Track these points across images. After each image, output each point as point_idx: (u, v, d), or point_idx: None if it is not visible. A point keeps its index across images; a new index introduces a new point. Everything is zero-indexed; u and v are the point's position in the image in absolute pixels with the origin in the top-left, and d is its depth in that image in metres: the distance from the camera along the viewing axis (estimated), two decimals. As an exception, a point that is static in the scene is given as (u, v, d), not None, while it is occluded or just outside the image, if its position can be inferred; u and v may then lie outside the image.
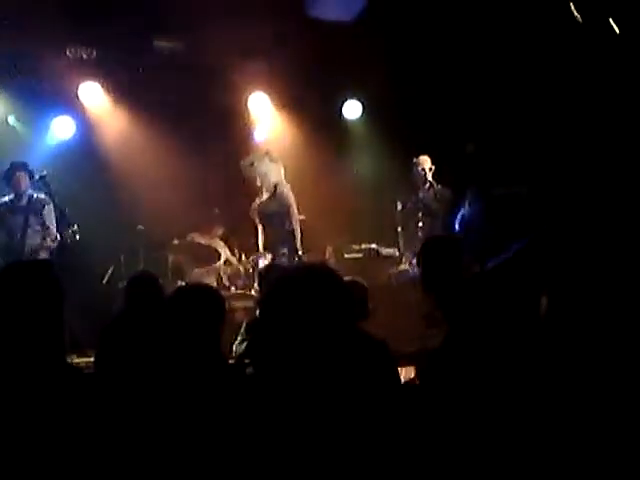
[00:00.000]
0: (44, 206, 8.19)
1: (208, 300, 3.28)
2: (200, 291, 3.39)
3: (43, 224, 8.14)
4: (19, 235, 8.15)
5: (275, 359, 2.43)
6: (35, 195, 8.22)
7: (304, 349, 2.37)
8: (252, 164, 8.41)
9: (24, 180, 8.17)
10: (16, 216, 8.21)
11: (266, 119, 10.14)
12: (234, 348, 6.64)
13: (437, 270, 4.18)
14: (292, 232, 8.20)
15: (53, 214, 8.20)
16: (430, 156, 8.51)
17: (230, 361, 5.27)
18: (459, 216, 8.06)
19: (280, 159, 8.49)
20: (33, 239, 8.15)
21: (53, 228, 8.13)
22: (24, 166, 8.20)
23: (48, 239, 8.01)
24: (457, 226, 8.03)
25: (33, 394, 2.74)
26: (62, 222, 8.01)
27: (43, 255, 8.03)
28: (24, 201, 8.23)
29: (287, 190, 8.33)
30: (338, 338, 2.38)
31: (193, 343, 3.14)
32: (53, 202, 8.10)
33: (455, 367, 3.08)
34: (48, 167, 8.32)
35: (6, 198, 8.29)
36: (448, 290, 3.94)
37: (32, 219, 8.18)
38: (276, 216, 8.31)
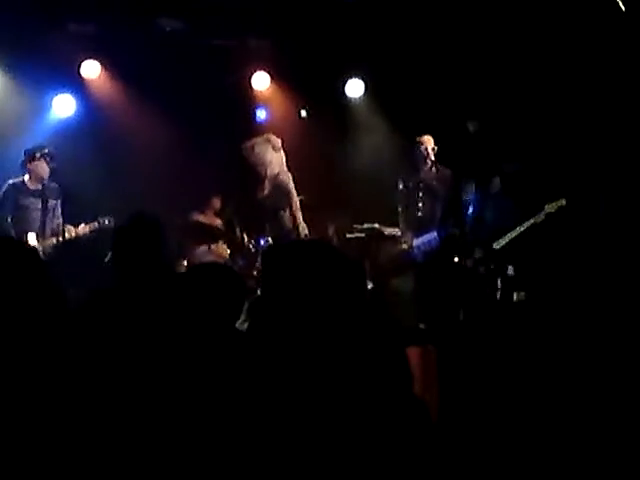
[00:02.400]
0: (59, 196, 8.25)
1: (230, 280, 3.24)
2: (222, 271, 3.35)
3: (58, 210, 8.22)
4: (38, 219, 8.15)
5: (280, 339, 2.40)
6: (50, 182, 8.21)
7: (308, 327, 2.34)
8: (253, 148, 8.37)
9: (44, 167, 8.15)
10: (32, 199, 8.19)
11: (268, 98, 10.10)
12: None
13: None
14: (294, 218, 8.23)
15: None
16: (432, 135, 8.47)
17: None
18: (470, 198, 8.04)
19: (280, 148, 8.45)
20: (52, 223, 8.20)
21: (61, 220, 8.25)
22: (42, 151, 8.15)
23: (80, 232, 8.21)
24: (471, 208, 8.01)
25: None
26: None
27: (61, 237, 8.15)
28: (39, 185, 8.19)
29: (288, 179, 8.32)
30: (344, 317, 2.35)
31: (211, 322, 3.10)
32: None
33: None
34: (49, 145, 8.30)
35: (17, 180, 8.23)
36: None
37: (50, 203, 8.21)
38: (279, 208, 8.32)
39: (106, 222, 8.23)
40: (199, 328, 3.12)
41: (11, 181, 8.21)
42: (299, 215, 8.31)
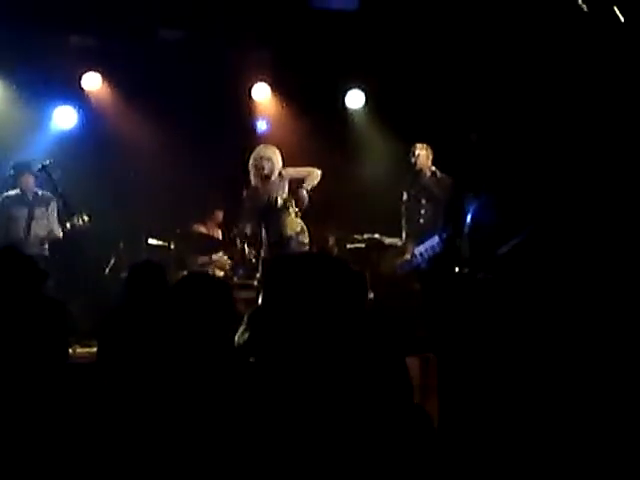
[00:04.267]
0: (49, 203, 8.43)
1: (215, 289, 3.24)
2: (206, 280, 3.35)
3: (48, 218, 8.38)
4: (24, 226, 8.29)
5: (280, 349, 2.41)
6: (40, 192, 8.41)
7: (312, 338, 2.35)
8: (259, 154, 8.28)
9: (30, 180, 8.35)
10: (21, 209, 8.36)
11: (269, 109, 10.12)
12: (236, 339, 6.60)
13: None
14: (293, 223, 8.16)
15: (56, 212, 8.45)
16: (433, 145, 8.49)
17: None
18: (471, 205, 8.05)
19: (271, 150, 8.37)
20: (38, 231, 8.33)
21: (55, 224, 8.39)
22: (28, 166, 8.32)
23: (51, 234, 8.35)
24: (469, 215, 8.00)
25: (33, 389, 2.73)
26: (66, 211, 8.19)
27: (46, 247, 8.32)
28: (30, 196, 8.40)
29: (279, 180, 8.22)
30: (346, 327, 2.36)
31: (199, 333, 3.11)
32: (56, 190, 8.23)
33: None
34: (50, 157, 8.35)
35: (12, 192, 8.44)
36: None
37: (37, 212, 8.36)
38: (280, 213, 8.25)
39: (79, 222, 8.16)
40: (186, 339, 3.12)
41: (5, 193, 8.42)
42: (298, 219, 8.23)
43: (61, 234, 8.34)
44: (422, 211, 8.47)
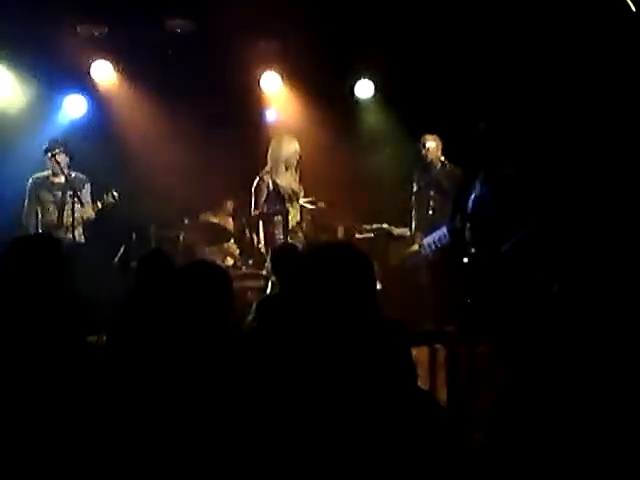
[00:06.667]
0: (83, 185, 8.32)
1: (211, 276, 3.25)
2: (202, 268, 3.36)
3: (81, 201, 8.14)
4: (57, 212, 8.24)
5: (288, 337, 2.41)
6: (74, 174, 8.29)
7: (321, 325, 2.35)
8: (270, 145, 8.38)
9: (64, 158, 8.20)
10: (53, 193, 8.28)
11: (278, 99, 10.12)
12: (245, 327, 6.61)
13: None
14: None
15: (89, 193, 8.37)
16: (442, 135, 8.48)
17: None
18: (472, 197, 8.03)
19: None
20: (71, 215, 8.19)
21: (89, 207, 8.26)
22: (63, 144, 8.21)
23: (84, 216, 8.20)
24: (470, 206, 7.98)
25: (49, 370, 2.75)
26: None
27: (78, 230, 8.23)
28: (62, 179, 8.26)
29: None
30: (355, 315, 2.36)
31: (198, 320, 3.12)
32: None
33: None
34: (65, 140, 8.36)
35: (43, 174, 8.34)
36: None
37: (68, 196, 8.22)
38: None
39: (110, 199, 8.28)
40: (183, 325, 3.14)
41: (35, 176, 8.33)
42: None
43: (93, 215, 8.27)
44: (431, 202, 8.47)
